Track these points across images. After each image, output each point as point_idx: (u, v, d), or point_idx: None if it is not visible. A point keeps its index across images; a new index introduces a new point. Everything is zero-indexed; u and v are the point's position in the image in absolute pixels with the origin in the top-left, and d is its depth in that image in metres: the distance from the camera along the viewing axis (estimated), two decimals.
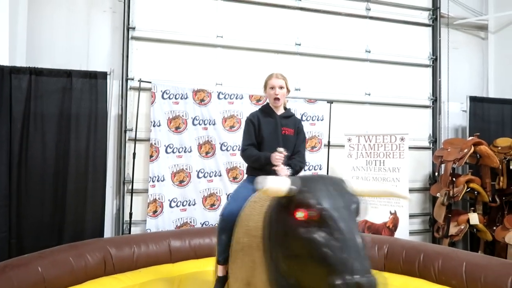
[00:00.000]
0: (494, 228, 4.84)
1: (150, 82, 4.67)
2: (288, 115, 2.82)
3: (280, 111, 2.79)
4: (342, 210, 1.55)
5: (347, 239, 1.46)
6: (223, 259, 2.34)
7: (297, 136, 2.77)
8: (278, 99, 2.71)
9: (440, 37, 5.87)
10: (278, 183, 1.64)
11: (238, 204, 2.37)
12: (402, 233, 4.69)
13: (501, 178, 4.92)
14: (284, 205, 1.67)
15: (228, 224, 2.35)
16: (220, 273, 2.39)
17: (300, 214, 1.53)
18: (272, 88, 2.72)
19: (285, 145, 2.60)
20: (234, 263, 2.19)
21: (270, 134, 2.67)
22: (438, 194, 5.04)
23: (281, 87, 2.71)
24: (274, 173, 2.38)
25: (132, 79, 4.75)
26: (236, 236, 2.22)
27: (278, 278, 1.74)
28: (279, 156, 2.43)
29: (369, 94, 5.64)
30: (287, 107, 2.93)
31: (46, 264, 3.04)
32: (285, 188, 1.62)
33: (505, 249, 4.56)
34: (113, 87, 4.59)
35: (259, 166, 2.56)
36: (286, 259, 1.66)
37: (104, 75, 4.46)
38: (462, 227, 4.81)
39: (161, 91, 4.66)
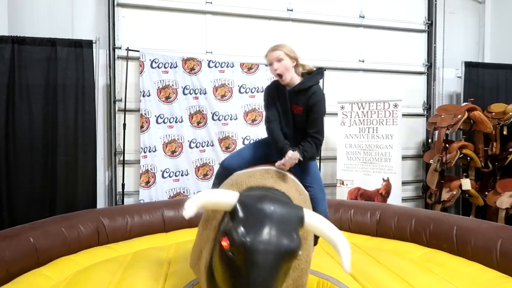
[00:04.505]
0: (486, 193, 4.89)
1: (138, 51, 4.54)
2: (302, 88, 2.33)
3: (294, 83, 2.36)
4: (267, 255, 1.45)
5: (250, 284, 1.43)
6: None
7: (307, 116, 2.35)
8: (280, 75, 2.32)
9: (436, 1, 5.72)
10: (220, 199, 1.58)
11: (239, 162, 2.37)
12: (395, 199, 4.72)
13: (494, 144, 4.92)
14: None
15: (222, 174, 2.35)
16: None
17: (223, 243, 1.50)
18: (270, 64, 2.34)
19: (296, 126, 2.38)
20: (200, 226, 2.21)
21: (283, 114, 2.39)
22: (431, 161, 5.05)
23: (279, 60, 2.29)
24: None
25: (120, 48, 4.62)
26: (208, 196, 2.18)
27: (210, 268, 1.79)
28: (288, 158, 2.20)
29: (362, 61, 5.54)
30: (314, 68, 2.48)
31: (37, 235, 3.03)
32: (225, 207, 1.57)
33: (496, 213, 4.62)
34: (99, 57, 4.48)
35: (277, 149, 2.35)
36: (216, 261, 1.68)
37: (89, 43, 4.33)
38: (454, 192, 4.85)
39: (150, 60, 4.54)
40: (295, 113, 2.37)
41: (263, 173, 2.16)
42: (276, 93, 2.41)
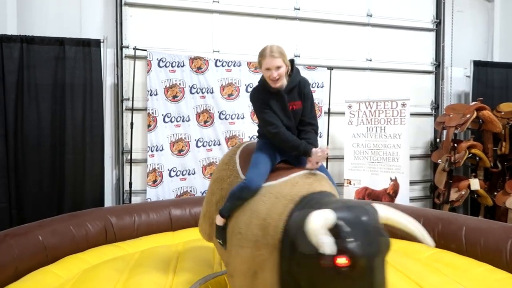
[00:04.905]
0: (495, 193, 4.84)
1: (146, 50, 4.55)
2: (292, 85, 2.35)
3: (284, 83, 2.34)
4: (377, 260, 1.57)
5: None
6: (228, 215, 2.32)
7: (304, 105, 2.38)
8: (275, 81, 2.27)
9: None
10: (322, 224, 1.54)
11: (264, 179, 2.22)
12: (403, 199, 4.69)
13: (504, 144, 4.88)
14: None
15: (250, 195, 2.19)
16: (221, 223, 2.36)
17: (342, 261, 1.50)
18: (268, 69, 2.26)
19: (296, 120, 2.38)
20: (241, 249, 2.12)
21: (284, 115, 2.35)
22: (439, 161, 5.00)
23: (278, 67, 2.23)
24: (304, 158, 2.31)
25: (127, 47, 4.63)
26: (245, 220, 2.14)
27: (287, 282, 1.86)
28: (321, 154, 2.21)
29: (370, 60, 5.51)
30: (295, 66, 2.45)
31: (46, 233, 3.05)
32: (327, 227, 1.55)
33: (505, 214, 4.57)
34: (107, 56, 4.49)
35: (294, 153, 2.33)
36: (307, 282, 1.72)
37: (97, 42, 4.35)
38: (463, 192, 4.80)
39: (157, 59, 4.55)
40: (295, 109, 2.38)
41: (303, 178, 2.16)
42: (268, 97, 2.33)
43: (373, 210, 1.68)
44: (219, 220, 2.36)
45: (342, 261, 1.50)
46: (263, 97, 2.34)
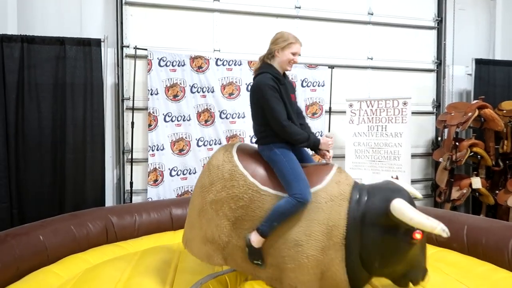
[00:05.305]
0: (497, 192, 4.83)
1: (146, 50, 4.55)
2: (287, 77, 2.58)
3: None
4: None
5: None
6: (268, 234, 2.25)
7: (296, 99, 2.57)
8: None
9: None
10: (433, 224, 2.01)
11: (308, 185, 2.26)
12: None
13: (505, 142, 4.86)
14: (394, 226, 2.09)
15: (302, 208, 2.22)
16: (261, 244, 2.27)
17: (418, 236, 2.01)
18: (294, 54, 2.41)
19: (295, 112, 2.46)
20: (306, 259, 2.20)
21: (290, 106, 2.40)
22: (441, 159, 4.99)
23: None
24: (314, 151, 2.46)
25: (128, 47, 4.63)
26: (303, 231, 2.20)
27: (357, 273, 2.20)
28: (331, 142, 2.36)
29: (371, 58, 5.49)
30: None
31: (47, 232, 3.05)
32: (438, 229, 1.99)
33: (507, 212, 4.56)
34: (108, 55, 4.49)
35: (303, 146, 2.40)
36: (380, 259, 2.16)
37: (98, 42, 4.35)
38: (465, 191, 4.79)
39: (158, 58, 4.54)
40: (293, 101, 2.47)
41: (338, 174, 2.37)
42: (278, 86, 2.36)
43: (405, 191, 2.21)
44: (259, 242, 2.27)
45: (418, 235, 1.99)
46: (274, 85, 2.34)
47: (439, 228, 1.97)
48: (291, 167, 2.29)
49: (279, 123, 2.29)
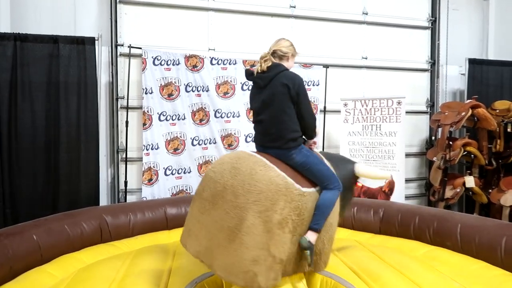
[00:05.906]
0: (490, 190, 4.87)
1: (140, 48, 4.52)
2: None
3: None
4: None
5: None
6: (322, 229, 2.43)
7: None
8: None
9: None
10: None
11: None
12: (398, 197, 4.70)
13: (498, 141, 4.91)
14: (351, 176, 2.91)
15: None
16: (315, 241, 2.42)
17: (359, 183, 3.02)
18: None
19: None
20: (334, 231, 2.69)
21: None
22: (434, 158, 5.02)
23: None
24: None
25: (122, 45, 4.61)
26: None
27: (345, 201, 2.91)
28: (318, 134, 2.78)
29: (366, 58, 5.51)
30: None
31: (41, 232, 3.02)
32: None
33: (500, 211, 4.60)
34: (102, 54, 4.46)
35: (312, 136, 2.63)
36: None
37: (92, 40, 4.32)
38: (458, 190, 4.82)
39: (152, 57, 4.52)
40: None
41: (325, 155, 2.85)
42: None
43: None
44: (316, 239, 2.41)
45: (358, 183, 3.05)
46: None
47: (388, 174, 3.60)
48: (324, 163, 2.56)
49: (313, 117, 2.54)
